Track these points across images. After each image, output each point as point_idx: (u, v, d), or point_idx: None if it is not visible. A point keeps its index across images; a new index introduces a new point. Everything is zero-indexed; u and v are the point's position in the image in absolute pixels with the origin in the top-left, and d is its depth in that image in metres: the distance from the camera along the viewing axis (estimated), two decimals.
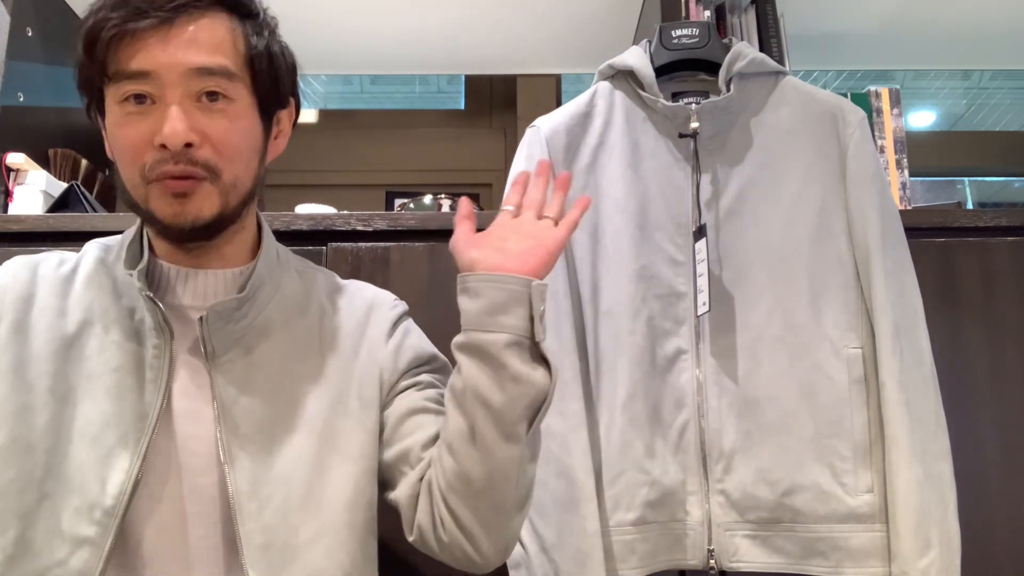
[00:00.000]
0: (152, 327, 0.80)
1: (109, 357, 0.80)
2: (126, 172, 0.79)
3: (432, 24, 1.86)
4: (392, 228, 1.24)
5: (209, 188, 0.78)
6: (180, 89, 0.76)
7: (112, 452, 0.76)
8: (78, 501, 0.74)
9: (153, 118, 0.76)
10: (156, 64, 0.75)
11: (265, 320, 0.85)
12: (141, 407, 0.78)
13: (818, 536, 1.04)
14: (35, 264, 0.85)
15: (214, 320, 0.80)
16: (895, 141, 1.44)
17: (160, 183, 0.77)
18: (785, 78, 1.18)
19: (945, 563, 0.99)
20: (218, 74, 0.77)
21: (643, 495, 1.07)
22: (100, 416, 0.77)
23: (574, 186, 1.14)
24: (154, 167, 0.76)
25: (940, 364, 1.07)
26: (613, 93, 1.18)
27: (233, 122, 0.79)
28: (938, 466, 1.03)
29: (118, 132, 0.78)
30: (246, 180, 0.82)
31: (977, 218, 1.26)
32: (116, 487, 0.74)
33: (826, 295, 1.09)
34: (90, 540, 0.73)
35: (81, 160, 1.56)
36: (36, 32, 1.57)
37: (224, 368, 0.81)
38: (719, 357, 1.10)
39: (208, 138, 0.77)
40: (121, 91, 0.76)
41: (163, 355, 0.79)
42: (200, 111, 0.77)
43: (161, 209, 0.78)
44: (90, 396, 0.78)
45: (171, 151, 0.75)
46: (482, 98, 2.49)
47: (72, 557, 0.72)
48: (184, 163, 0.76)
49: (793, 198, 1.12)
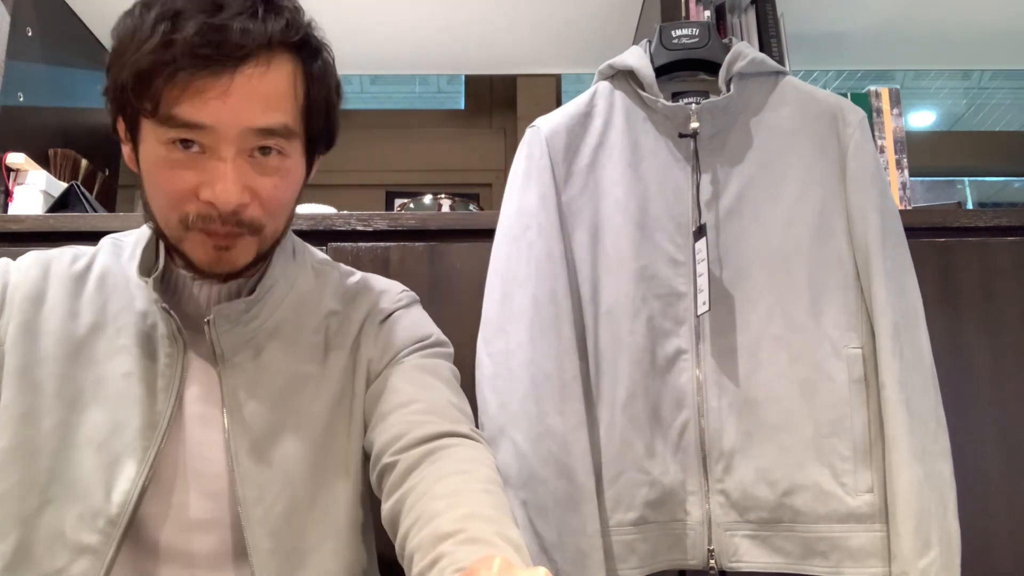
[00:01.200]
0: (165, 335, 0.79)
1: (120, 362, 0.78)
2: (161, 212, 0.76)
3: (432, 24, 1.86)
4: (392, 228, 1.24)
5: (249, 240, 0.77)
6: (236, 145, 0.72)
7: (119, 460, 0.74)
8: (82, 508, 0.73)
9: (201, 169, 0.72)
10: (215, 119, 0.70)
11: (277, 321, 0.84)
12: (151, 415, 0.76)
13: (818, 536, 1.04)
14: (47, 261, 0.83)
15: (221, 323, 0.79)
16: (895, 141, 1.44)
17: (201, 233, 0.75)
18: (785, 78, 1.18)
19: (945, 563, 0.99)
20: (277, 133, 0.74)
21: (643, 495, 1.07)
22: (108, 422, 0.75)
23: (574, 186, 1.14)
24: (197, 221, 0.74)
25: (940, 364, 1.07)
26: (613, 93, 1.18)
27: (283, 179, 0.77)
28: (938, 466, 1.03)
29: (159, 172, 0.73)
30: (283, 226, 0.82)
31: (977, 218, 1.26)
32: (121, 495, 0.73)
33: (826, 295, 1.09)
34: (92, 548, 0.71)
35: (81, 160, 1.56)
36: (36, 32, 1.57)
37: (234, 371, 0.80)
38: (719, 357, 1.10)
39: (257, 196, 0.75)
40: (169, 135, 0.71)
41: (176, 363, 0.78)
42: (252, 167, 0.74)
43: (198, 257, 0.76)
44: (98, 401, 0.76)
45: (219, 210, 0.73)
46: (482, 98, 2.49)
47: (73, 565, 0.71)
48: (232, 224, 0.74)
49: (793, 198, 1.12)
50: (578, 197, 1.14)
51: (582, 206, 1.14)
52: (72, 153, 1.55)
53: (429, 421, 0.78)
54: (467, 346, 1.14)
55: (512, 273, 1.09)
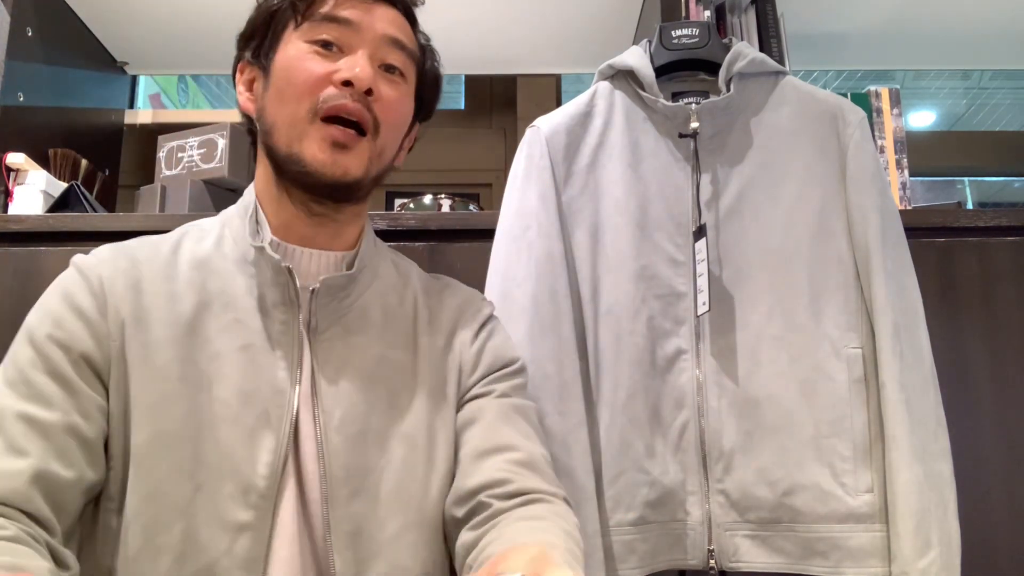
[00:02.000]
0: (279, 302, 0.80)
1: (234, 336, 0.78)
2: (290, 106, 0.80)
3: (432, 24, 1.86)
4: (392, 228, 1.24)
5: (365, 146, 0.81)
6: (370, 47, 0.81)
7: (255, 432, 0.74)
8: (231, 487, 0.72)
9: (339, 61, 0.80)
10: (360, 18, 0.81)
11: (364, 304, 0.85)
12: (276, 383, 0.77)
13: (818, 536, 1.04)
14: (131, 250, 0.82)
15: (324, 294, 0.80)
16: (895, 141, 1.44)
17: (324, 126, 0.78)
18: (785, 78, 1.18)
19: (945, 563, 0.99)
20: (404, 50, 0.84)
21: (643, 495, 1.06)
22: (236, 397, 0.75)
23: (574, 186, 1.14)
24: (329, 99, 0.78)
25: (940, 364, 1.07)
26: (613, 93, 1.18)
27: (402, 98, 0.85)
28: (938, 466, 1.03)
29: (298, 64, 0.80)
30: (389, 156, 0.86)
31: (977, 218, 1.26)
32: (267, 467, 0.73)
33: (826, 295, 1.09)
34: (250, 525, 0.72)
35: (81, 160, 1.56)
36: (36, 32, 1.57)
37: (323, 346, 0.80)
38: (719, 357, 1.10)
39: (382, 96, 0.81)
40: (316, 31, 0.81)
41: (292, 330, 0.79)
42: (379, 74, 0.82)
43: (313, 154, 0.79)
44: (221, 378, 0.76)
45: (355, 89, 0.79)
46: (482, 98, 2.49)
47: (236, 544, 0.71)
48: (363, 105, 0.79)
49: (793, 198, 1.12)
50: (578, 197, 1.14)
51: (582, 206, 1.14)
52: (72, 153, 1.55)
53: (529, 476, 0.80)
54: None
55: (512, 273, 1.09)
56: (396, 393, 0.82)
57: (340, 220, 0.85)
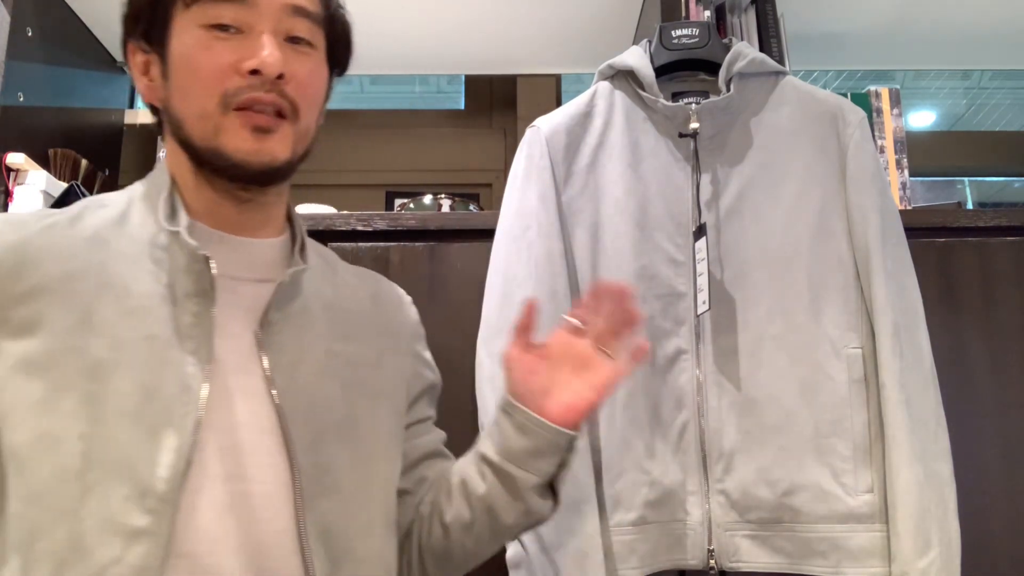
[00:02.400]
0: (192, 292, 0.73)
1: (137, 322, 0.70)
2: (198, 100, 0.74)
3: (432, 24, 1.86)
4: (392, 228, 1.24)
5: (287, 129, 0.76)
6: (272, 23, 0.75)
7: (157, 430, 0.67)
8: (127, 489, 0.65)
9: (241, 47, 0.74)
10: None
11: (307, 294, 0.82)
12: (184, 378, 0.69)
13: (818, 536, 1.04)
14: (22, 223, 0.73)
15: (283, 290, 0.77)
16: (895, 141, 1.44)
17: (241, 114, 0.74)
18: (785, 78, 1.18)
19: (945, 563, 0.99)
20: (310, 17, 0.78)
21: (643, 495, 1.06)
22: (137, 391, 0.67)
23: (574, 186, 1.14)
24: (239, 92, 0.73)
25: (940, 364, 1.07)
26: (613, 93, 1.18)
27: (315, 67, 0.80)
28: (938, 466, 1.03)
29: (198, 55, 0.74)
30: (311, 132, 0.81)
31: (977, 218, 1.26)
32: (167, 469, 0.66)
33: (826, 295, 1.09)
34: (146, 531, 0.64)
35: (81, 160, 1.56)
36: (36, 32, 1.57)
37: (275, 340, 0.76)
38: (719, 357, 1.10)
39: (295, 76, 0.76)
40: (209, 14, 0.74)
41: (204, 322, 0.72)
42: (287, 49, 0.76)
43: (236, 144, 0.74)
44: (119, 369, 0.68)
45: (264, 78, 0.73)
46: (482, 98, 2.49)
47: (128, 552, 0.63)
48: (276, 93, 0.74)
49: (793, 198, 1.12)
50: (578, 197, 1.14)
51: (582, 206, 1.14)
52: (72, 153, 1.55)
53: None
54: (467, 346, 1.14)
55: (512, 273, 1.09)
56: (348, 387, 0.80)
57: (267, 203, 0.81)
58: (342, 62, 0.87)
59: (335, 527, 0.73)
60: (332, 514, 0.73)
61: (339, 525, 0.74)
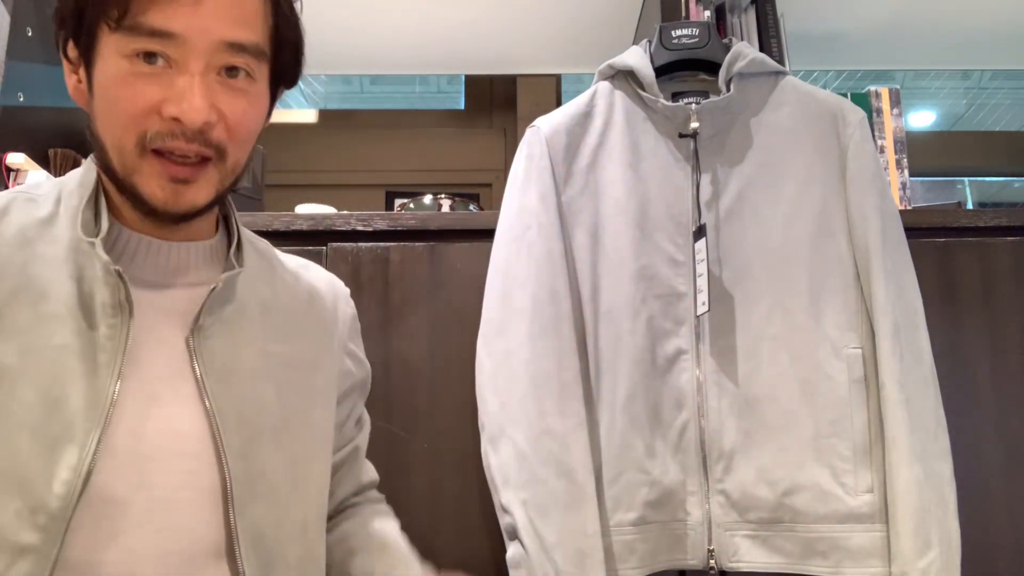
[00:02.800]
0: (108, 304, 0.69)
1: (51, 332, 0.67)
2: (115, 135, 0.69)
3: (432, 24, 1.86)
4: (392, 228, 1.24)
5: (211, 173, 0.71)
6: (205, 60, 0.68)
7: (57, 445, 0.64)
8: (19, 503, 0.62)
9: (166, 84, 0.67)
10: (185, 28, 0.66)
11: (243, 295, 0.79)
12: (92, 393, 0.66)
13: (818, 536, 1.04)
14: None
15: (217, 294, 0.74)
16: (895, 141, 1.44)
17: (158, 161, 0.68)
18: (785, 78, 1.18)
19: (945, 563, 0.99)
20: (248, 52, 0.70)
21: (643, 495, 1.07)
22: (42, 401, 0.64)
23: (574, 186, 1.14)
24: (157, 138, 0.67)
25: (940, 364, 1.07)
26: (613, 93, 1.18)
27: (250, 104, 0.73)
28: (938, 466, 1.03)
29: (119, 88, 0.67)
30: (243, 162, 0.76)
31: (977, 218, 1.26)
32: (63, 486, 0.63)
33: (826, 295, 1.09)
34: (33, 548, 0.61)
35: (81, 160, 1.56)
36: (36, 32, 1.57)
37: (208, 344, 0.73)
38: (719, 357, 1.10)
39: (224, 118, 0.70)
40: (133, 45, 0.66)
41: (119, 335, 0.68)
42: (220, 87, 0.69)
43: (152, 191, 0.69)
44: (27, 377, 0.65)
45: (185, 128, 0.67)
46: (482, 98, 2.49)
47: (12, 569, 0.61)
48: (198, 143, 0.68)
49: (793, 198, 1.12)
50: (578, 197, 1.14)
51: (582, 206, 1.14)
52: (72, 153, 1.55)
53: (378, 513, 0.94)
54: (467, 346, 1.14)
55: (512, 273, 1.09)
56: (284, 388, 0.78)
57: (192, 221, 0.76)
58: (289, 77, 0.79)
59: (268, 532, 0.72)
60: (265, 519, 0.72)
61: (272, 530, 0.73)
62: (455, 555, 1.14)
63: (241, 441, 0.72)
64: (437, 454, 1.16)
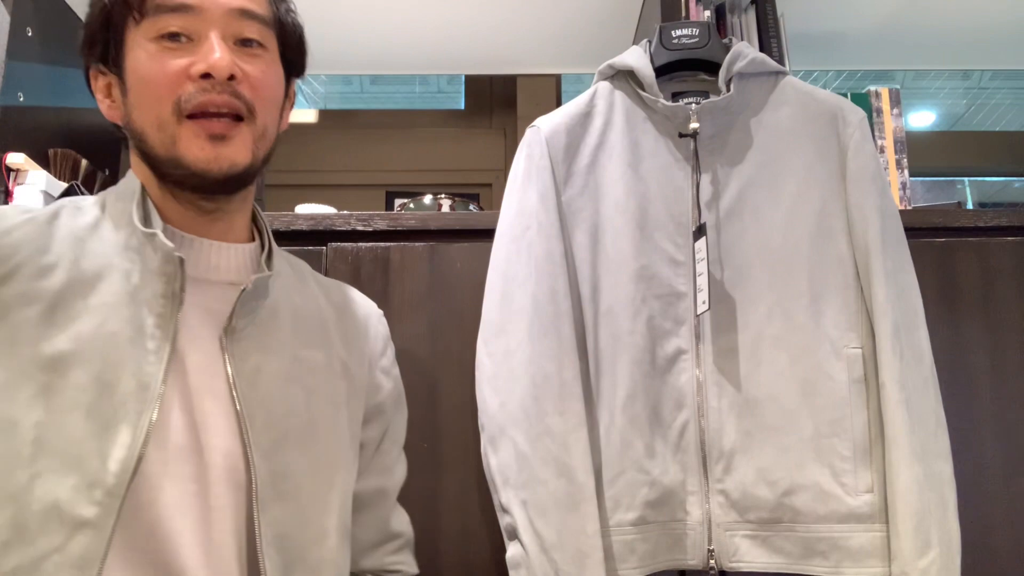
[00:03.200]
0: (160, 294, 0.74)
1: (102, 319, 0.71)
2: (153, 110, 0.75)
3: (432, 24, 1.86)
4: (392, 228, 1.24)
5: (245, 132, 0.77)
6: (220, 27, 0.76)
7: (111, 425, 0.68)
8: (76, 479, 0.66)
9: (191, 52, 0.75)
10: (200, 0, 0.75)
11: (274, 302, 0.83)
12: (142, 376, 0.70)
13: (818, 536, 1.04)
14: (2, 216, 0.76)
15: (248, 296, 0.78)
16: (895, 141, 1.44)
17: (195, 123, 0.74)
18: (785, 78, 1.18)
19: (945, 563, 0.99)
20: (258, 19, 0.79)
21: (643, 495, 1.06)
22: (94, 384, 0.69)
23: (574, 186, 1.14)
24: (192, 98, 0.74)
25: (940, 364, 1.07)
26: (613, 93, 1.18)
27: (268, 67, 0.80)
28: (938, 466, 1.03)
29: (150, 67, 0.75)
30: (272, 133, 0.82)
31: (977, 218, 1.26)
32: (118, 464, 0.67)
33: (826, 295, 1.09)
34: (90, 522, 0.65)
35: (81, 160, 1.56)
36: (36, 32, 1.57)
37: (240, 345, 0.77)
38: (719, 357, 1.10)
39: (247, 77, 0.77)
40: (157, 26, 0.75)
41: (168, 324, 0.73)
42: (238, 53, 0.77)
43: (193, 153, 0.75)
44: (81, 361, 0.69)
45: (215, 81, 0.74)
46: (482, 98, 2.49)
47: (71, 542, 0.65)
48: (228, 94, 0.75)
49: (793, 198, 1.12)
50: (578, 197, 1.14)
51: (582, 206, 1.14)
52: (72, 153, 1.55)
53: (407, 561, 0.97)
54: (467, 346, 1.14)
55: (512, 273, 1.09)
56: (312, 393, 0.81)
57: (231, 210, 0.83)
58: (297, 65, 0.87)
59: (290, 533, 0.74)
60: (287, 520, 0.74)
61: (294, 531, 0.75)
62: (455, 555, 1.14)
63: (268, 441, 0.75)
64: (437, 454, 1.16)
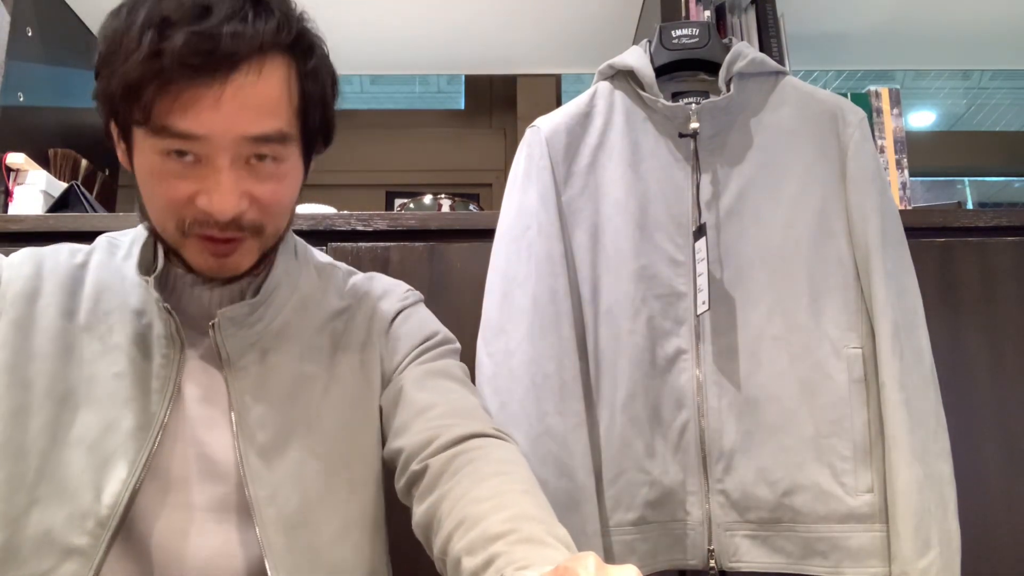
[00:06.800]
0: (163, 336, 0.78)
1: (112, 361, 0.76)
2: (159, 218, 0.75)
3: (432, 24, 1.86)
4: (392, 228, 1.24)
5: (250, 244, 0.77)
6: (231, 153, 0.70)
7: (109, 461, 0.72)
8: (71, 509, 0.71)
9: (197, 177, 0.71)
10: (208, 129, 0.68)
11: (282, 323, 0.84)
12: (144, 417, 0.74)
13: (818, 536, 1.04)
14: (41, 258, 0.82)
15: (226, 326, 0.79)
16: (895, 141, 1.44)
17: (199, 240, 0.74)
18: (785, 78, 1.18)
19: (945, 563, 0.99)
20: (273, 140, 0.72)
21: (643, 495, 1.07)
22: (99, 423, 0.74)
23: (574, 186, 1.14)
24: (195, 227, 0.73)
25: (940, 364, 1.07)
26: (613, 93, 1.18)
27: (281, 183, 0.76)
28: (938, 466, 1.03)
29: (155, 182, 0.73)
30: (284, 224, 0.81)
31: (977, 218, 1.26)
32: (111, 497, 0.71)
33: (826, 295, 1.09)
34: (80, 550, 0.69)
35: (81, 160, 1.56)
36: (36, 32, 1.57)
37: (240, 374, 0.79)
38: (719, 357, 1.10)
39: (256, 201, 0.74)
40: (162, 145, 0.70)
41: (172, 364, 0.77)
42: (249, 174, 0.73)
43: (197, 263, 0.77)
44: (90, 401, 0.75)
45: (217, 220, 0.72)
46: (482, 98, 2.49)
47: (60, 567, 0.69)
48: (232, 230, 0.74)
49: (793, 198, 1.12)
50: (578, 197, 1.14)
51: (582, 206, 1.14)
52: (72, 153, 1.55)
53: (455, 424, 0.77)
54: (467, 346, 1.14)
55: (512, 273, 1.09)
56: (316, 406, 0.82)
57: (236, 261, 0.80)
58: (327, 140, 0.82)
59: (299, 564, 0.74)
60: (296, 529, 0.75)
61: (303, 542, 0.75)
62: None
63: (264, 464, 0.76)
64: None
